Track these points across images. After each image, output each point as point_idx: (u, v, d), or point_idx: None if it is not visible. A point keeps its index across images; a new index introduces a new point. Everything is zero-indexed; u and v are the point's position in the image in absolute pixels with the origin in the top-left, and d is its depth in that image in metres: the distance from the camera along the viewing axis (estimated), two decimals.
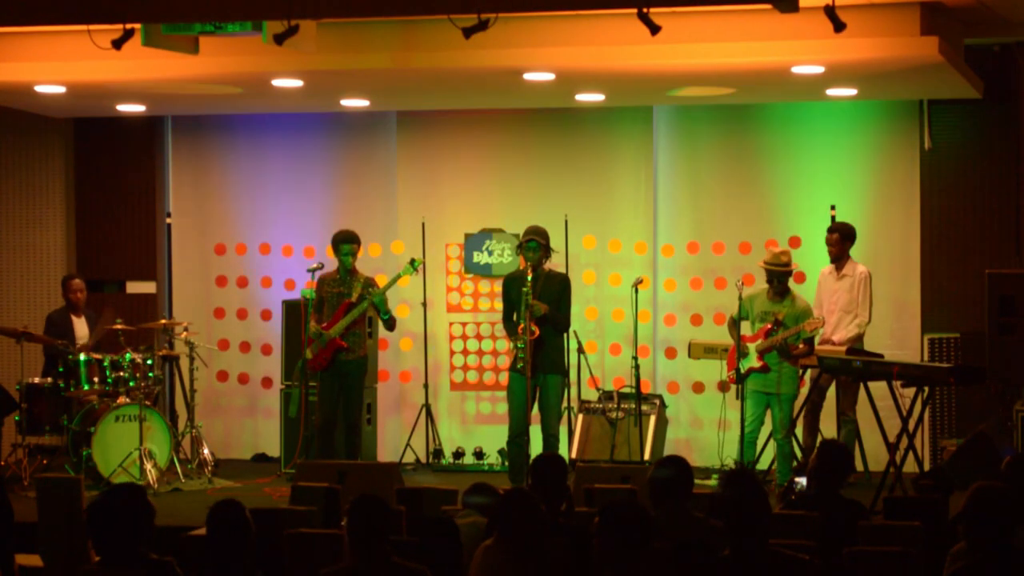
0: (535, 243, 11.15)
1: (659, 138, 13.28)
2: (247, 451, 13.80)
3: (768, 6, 8.62)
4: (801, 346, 11.02)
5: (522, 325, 11.15)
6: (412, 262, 11.69)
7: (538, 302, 11.06)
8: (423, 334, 13.07)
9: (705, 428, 12.92)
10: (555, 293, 11.22)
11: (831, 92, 12.08)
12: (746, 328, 11.20)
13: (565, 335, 11.35)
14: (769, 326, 11.02)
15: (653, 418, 12.37)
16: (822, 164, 13.02)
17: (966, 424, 12.32)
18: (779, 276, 11.06)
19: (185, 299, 13.82)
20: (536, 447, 11.40)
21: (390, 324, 11.66)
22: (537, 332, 11.08)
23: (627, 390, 12.43)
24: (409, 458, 12.89)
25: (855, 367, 11.00)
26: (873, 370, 10.89)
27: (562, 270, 12.29)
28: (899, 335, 12.78)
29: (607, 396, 12.58)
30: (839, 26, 8.62)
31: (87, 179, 14.11)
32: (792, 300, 11.11)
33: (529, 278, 11.10)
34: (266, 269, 13.86)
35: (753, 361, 11.05)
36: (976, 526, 5.85)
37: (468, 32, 8.65)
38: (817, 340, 11.38)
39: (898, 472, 10.68)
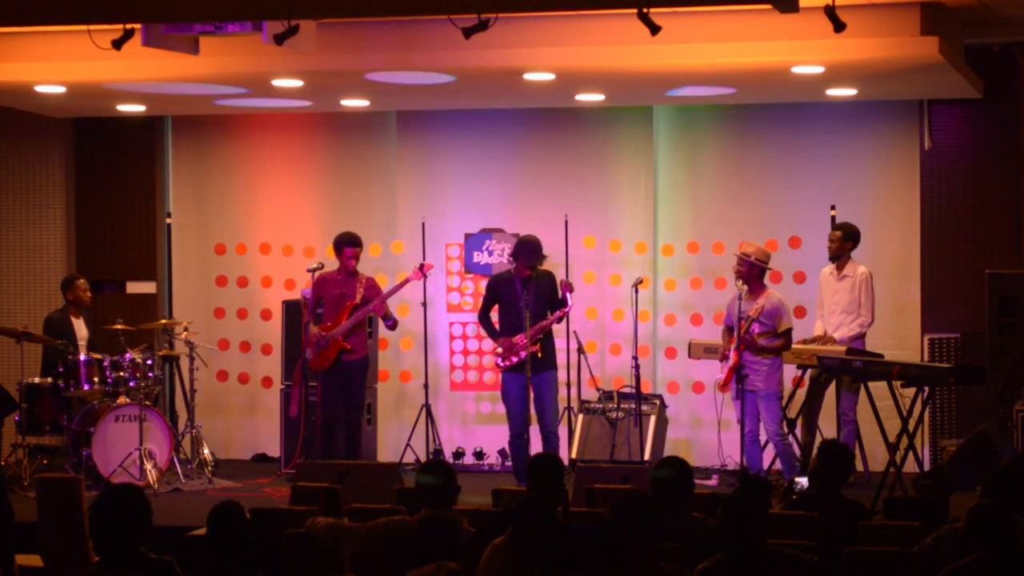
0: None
1: (659, 138, 13.27)
2: (247, 451, 13.80)
3: (768, 6, 8.62)
4: (778, 342, 10.97)
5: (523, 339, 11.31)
6: (420, 267, 11.79)
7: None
8: (423, 334, 13.07)
9: (705, 428, 12.90)
10: (548, 291, 11.56)
11: (831, 92, 12.08)
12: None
13: (554, 330, 11.69)
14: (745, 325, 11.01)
15: (653, 418, 12.36)
16: (822, 164, 13.00)
17: (966, 424, 12.31)
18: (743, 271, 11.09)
19: (185, 299, 13.81)
20: (537, 446, 11.43)
21: (393, 326, 11.84)
22: (537, 350, 11.33)
23: (627, 390, 12.43)
24: (409, 458, 12.88)
25: (855, 367, 10.99)
26: (873, 370, 10.88)
27: (561, 271, 12.46)
28: (899, 335, 12.76)
29: (607, 396, 12.57)
30: (839, 26, 8.62)
31: (87, 179, 14.10)
32: (766, 297, 11.08)
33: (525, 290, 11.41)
34: (266, 269, 13.86)
35: (731, 361, 11.04)
36: (978, 545, 5.91)
37: (468, 32, 8.65)
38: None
39: (898, 472, 10.68)
